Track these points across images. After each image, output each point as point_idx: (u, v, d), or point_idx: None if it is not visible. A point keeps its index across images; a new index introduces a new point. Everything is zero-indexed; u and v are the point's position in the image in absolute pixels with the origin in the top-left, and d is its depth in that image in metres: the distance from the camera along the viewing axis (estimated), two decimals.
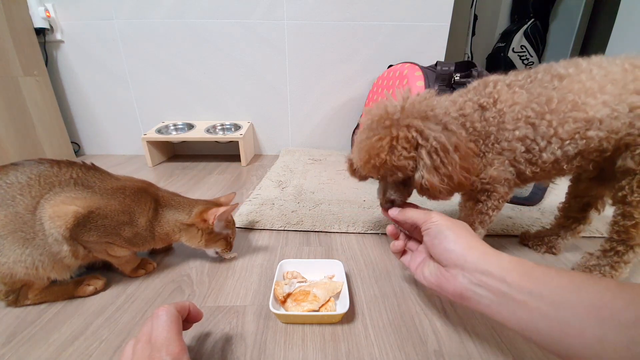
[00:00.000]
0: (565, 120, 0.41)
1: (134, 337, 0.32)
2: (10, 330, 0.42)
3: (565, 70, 0.42)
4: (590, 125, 0.40)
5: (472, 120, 0.45)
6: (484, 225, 0.51)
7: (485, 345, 0.39)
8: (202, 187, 0.93)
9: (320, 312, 0.42)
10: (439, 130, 0.41)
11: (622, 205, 0.44)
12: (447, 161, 0.41)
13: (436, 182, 0.42)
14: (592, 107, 0.40)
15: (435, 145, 0.40)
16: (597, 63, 0.42)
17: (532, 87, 0.43)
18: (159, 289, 0.50)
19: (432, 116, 0.42)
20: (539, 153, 0.44)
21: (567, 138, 0.42)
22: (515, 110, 0.43)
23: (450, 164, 0.41)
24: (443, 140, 0.40)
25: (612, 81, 0.40)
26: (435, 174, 0.42)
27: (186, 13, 1.07)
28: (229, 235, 0.55)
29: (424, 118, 0.41)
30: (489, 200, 0.48)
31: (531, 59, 1.86)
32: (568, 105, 0.41)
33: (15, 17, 0.97)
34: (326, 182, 0.93)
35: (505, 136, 0.44)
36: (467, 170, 0.42)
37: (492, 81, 0.46)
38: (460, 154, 0.41)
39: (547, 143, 0.43)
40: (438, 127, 0.41)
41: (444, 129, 0.42)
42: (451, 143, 0.41)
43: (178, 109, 1.22)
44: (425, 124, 0.41)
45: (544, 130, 0.42)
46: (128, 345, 0.31)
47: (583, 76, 0.41)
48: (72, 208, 0.42)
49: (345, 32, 1.10)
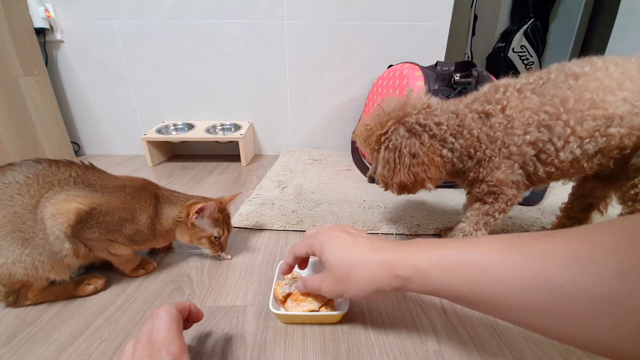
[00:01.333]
0: (583, 118, 0.41)
1: (134, 337, 0.31)
2: (10, 330, 0.42)
3: (581, 69, 0.42)
4: (611, 122, 0.40)
5: (470, 128, 0.46)
6: (488, 227, 0.51)
7: (485, 345, 0.39)
8: (202, 187, 0.93)
9: (320, 312, 0.42)
10: (405, 136, 0.47)
11: (633, 203, 0.44)
12: (398, 160, 0.48)
13: (383, 175, 0.50)
14: (612, 104, 0.40)
15: (392, 145, 0.48)
16: (612, 61, 0.42)
17: (545, 89, 0.43)
18: (159, 289, 0.50)
19: (406, 122, 0.48)
20: (556, 153, 0.43)
21: (586, 136, 0.41)
22: (525, 115, 0.43)
23: (400, 164, 0.48)
24: (399, 144, 0.47)
25: (630, 78, 0.40)
26: (386, 168, 0.49)
27: (186, 13, 1.07)
28: (212, 235, 0.53)
29: (398, 122, 0.48)
30: (496, 202, 0.49)
31: (531, 59, 1.86)
32: (586, 104, 0.41)
33: (15, 17, 0.97)
34: (326, 182, 0.93)
35: (515, 141, 0.44)
36: (415, 175, 0.47)
37: (503, 86, 0.46)
38: (416, 159, 0.47)
39: (565, 142, 0.42)
40: (406, 133, 0.47)
41: (413, 135, 0.47)
42: (411, 148, 0.47)
43: (178, 109, 1.22)
44: (396, 126, 0.48)
45: (560, 131, 0.42)
46: (128, 344, 0.31)
47: (600, 74, 0.41)
48: (74, 205, 0.42)
49: (345, 32, 1.10)
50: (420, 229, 0.67)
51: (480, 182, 0.49)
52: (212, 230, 0.53)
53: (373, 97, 1.06)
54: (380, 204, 0.78)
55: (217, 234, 0.53)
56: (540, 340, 0.40)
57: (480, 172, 0.48)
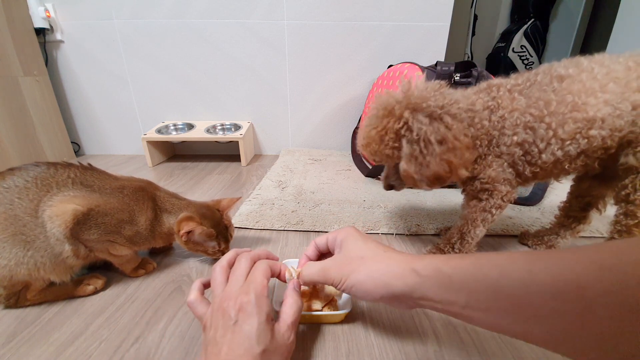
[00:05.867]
0: (564, 121, 0.41)
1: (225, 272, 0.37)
2: (10, 330, 0.42)
3: (565, 71, 0.42)
4: (592, 124, 0.41)
5: (482, 117, 0.45)
6: (486, 224, 0.51)
7: (485, 345, 0.39)
8: (202, 187, 0.93)
9: (323, 311, 0.42)
10: (426, 122, 0.42)
11: (625, 204, 0.44)
12: (426, 151, 0.43)
13: (411, 171, 0.44)
14: (593, 107, 0.40)
15: (416, 136, 0.43)
16: (599, 61, 0.42)
17: (531, 92, 0.44)
18: (159, 289, 0.50)
19: (424, 107, 0.43)
20: (539, 154, 0.44)
21: (567, 138, 0.42)
22: (514, 116, 0.44)
23: (429, 154, 0.42)
24: (424, 131, 0.42)
25: (614, 79, 0.40)
26: (413, 163, 0.44)
27: (186, 13, 1.07)
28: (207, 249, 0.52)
29: (414, 110, 0.44)
30: (491, 198, 0.49)
31: (531, 59, 1.86)
32: (568, 107, 0.41)
33: (15, 17, 0.97)
34: (326, 182, 0.93)
35: (504, 141, 0.45)
36: (449, 163, 0.43)
37: (496, 85, 0.47)
38: (446, 146, 0.42)
39: (547, 144, 0.43)
40: (426, 120, 0.42)
41: (435, 120, 0.43)
42: (437, 134, 0.42)
43: (178, 109, 1.22)
44: (414, 115, 0.43)
45: (542, 133, 0.43)
46: (220, 272, 0.37)
47: (584, 76, 0.41)
48: (71, 206, 0.42)
49: (345, 32, 1.10)
50: (420, 229, 0.67)
51: (474, 180, 0.49)
52: (207, 244, 0.52)
53: (373, 97, 1.06)
54: (380, 204, 0.78)
55: (213, 248, 0.52)
56: None
57: (475, 169, 0.48)
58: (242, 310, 0.31)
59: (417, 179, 0.45)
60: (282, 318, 0.34)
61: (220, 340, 0.30)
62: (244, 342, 0.29)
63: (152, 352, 0.39)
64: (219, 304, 0.32)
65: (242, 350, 0.29)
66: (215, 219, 0.52)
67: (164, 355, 0.38)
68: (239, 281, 0.34)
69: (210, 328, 0.31)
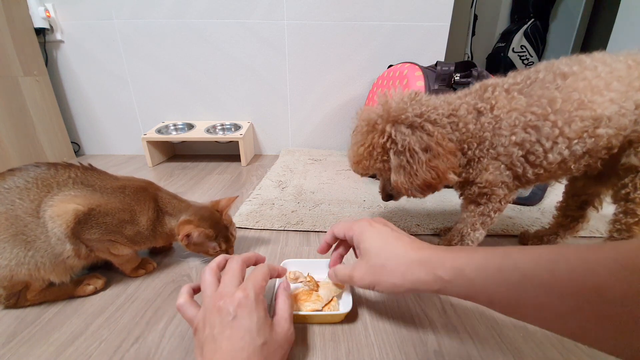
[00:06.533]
0: (571, 119, 0.40)
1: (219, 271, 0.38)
2: (10, 330, 0.42)
3: (569, 69, 0.42)
4: (599, 123, 0.40)
5: (466, 121, 0.45)
6: (485, 227, 0.51)
7: (485, 345, 0.39)
8: (202, 187, 0.93)
9: (323, 311, 0.42)
10: (408, 133, 0.44)
11: (625, 203, 0.44)
12: (412, 160, 0.44)
13: (401, 181, 0.46)
14: (600, 105, 0.39)
15: (401, 147, 0.44)
16: (600, 60, 0.41)
17: (532, 90, 0.43)
18: (159, 289, 0.50)
19: (403, 119, 0.44)
20: (544, 154, 0.43)
21: (574, 137, 0.41)
22: (512, 116, 0.43)
23: (416, 163, 0.44)
24: (408, 142, 0.43)
25: (617, 78, 0.39)
26: (402, 174, 0.45)
27: (186, 13, 1.07)
28: (209, 250, 0.52)
29: (395, 122, 0.45)
30: (490, 202, 0.48)
31: (531, 59, 1.86)
32: (574, 104, 0.40)
33: (15, 17, 0.97)
34: (326, 182, 0.93)
35: (501, 142, 0.44)
36: (435, 169, 0.43)
37: (491, 85, 0.46)
38: (431, 153, 0.43)
39: (553, 143, 0.42)
40: (408, 130, 0.44)
41: (416, 129, 0.44)
42: (421, 143, 0.43)
43: (178, 109, 1.22)
44: (396, 127, 0.45)
45: (548, 132, 0.42)
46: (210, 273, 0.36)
47: (588, 73, 0.40)
48: (72, 206, 0.42)
49: (345, 32, 1.10)
50: (420, 229, 0.67)
51: (471, 184, 0.48)
52: (207, 245, 0.52)
53: (373, 97, 1.06)
54: (380, 204, 0.78)
55: (214, 248, 0.52)
56: (540, 340, 0.40)
57: (470, 174, 0.47)
58: (241, 306, 0.31)
59: (407, 189, 0.46)
60: (278, 313, 0.35)
61: (218, 336, 0.30)
62: (244, 336, 0.30)
63: (152, 352, 0.39)
64: (213, 303, 0.32)
65: (243, 344, 0.29)
66: (214, 220, 0.52)
67: (164, 355, 0.38)
68: (232, 281, 0.34)
69: (205, 327, 0.31)
